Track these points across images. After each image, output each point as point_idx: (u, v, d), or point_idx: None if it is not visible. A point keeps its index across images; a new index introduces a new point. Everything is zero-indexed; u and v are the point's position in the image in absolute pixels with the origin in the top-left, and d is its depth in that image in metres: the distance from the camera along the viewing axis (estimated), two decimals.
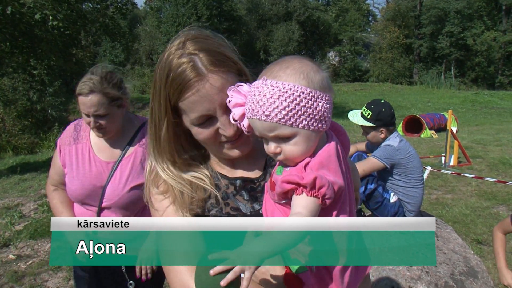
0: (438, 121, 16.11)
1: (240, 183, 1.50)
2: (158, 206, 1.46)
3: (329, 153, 1.17)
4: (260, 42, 46.78)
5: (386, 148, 4.12)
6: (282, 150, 1.16)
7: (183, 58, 1.30)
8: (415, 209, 4.12)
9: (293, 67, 1.15)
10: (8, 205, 8.08)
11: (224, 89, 1.29)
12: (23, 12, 11.12)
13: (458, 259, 3.63)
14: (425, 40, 45.39)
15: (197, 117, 1.33)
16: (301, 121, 1.12)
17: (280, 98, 1.10)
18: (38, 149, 20.55)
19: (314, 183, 1.06)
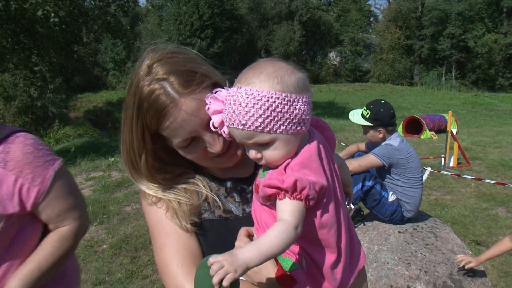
0: (438, 122, 16.10)
1: (231, 185, 1.51)
2: (154, 218, 1.46)
3: (310, 152, 1.16)
4: (261, 42, 46.78)
5: (386, 147, 4.14)
6: (263, 155, 1.16)
7: (154, 85, 1.27)
8: (413, 209, 4.14)
9: (267, 72, 1.13)
10: None
11: (200, 109, 1.27)
12: (25, 8, 11.12)
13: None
14: (426, 41, 45.39)
15: (181, 141, 1.33)
16: (279, 127, 1.10)
17: (255, 106, 1.08)
18: None
19: (295, 185, 1.05)
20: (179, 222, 1.40)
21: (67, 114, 27.84)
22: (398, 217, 4.10)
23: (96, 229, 6.32)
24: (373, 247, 3.75)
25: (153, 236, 1.45)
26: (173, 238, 1.40)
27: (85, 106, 33.85)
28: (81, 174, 10.03)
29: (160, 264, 1.41)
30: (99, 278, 4.88)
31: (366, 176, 4.16)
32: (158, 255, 1.41)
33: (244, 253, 1.00)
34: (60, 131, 22.45)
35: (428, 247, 3.71)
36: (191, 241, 1.41)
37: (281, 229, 1.04)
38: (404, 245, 3.69)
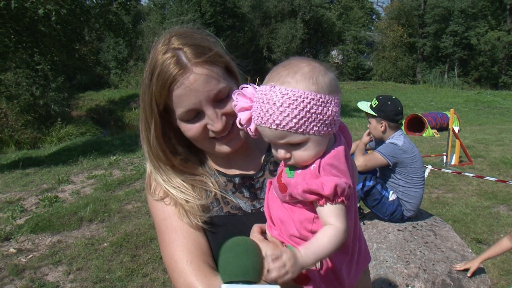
0: (440, 120, 16.08)
1: (239, 180, 1.51)
2: (161, 214, 1.45)
3: (338, 154, 1.17)
4: (264, 40, 46.76)
5: (391, 145, 4.13)
6: (292, 155, 1.16)
7: (167, 54, 1.30)
8: (414, 209, 4.12)
9: (302, 72, 1.13)
10: (10, 200, 8.10)
11: (209, 81, 1.29)
12: (26, 7, 11.11)
13: (456, 258, 3.64)
14: (429, 39, 45.30)
15: (184, 112, 1.33)
16: (312, 128, 1.10)
17: (290, 106, 1.08)
18: (40, 144, 20.61)
19: (336, 190, 1.06)
20: (188, 220, 1.40)
21: (69, 113, 27.94)
22: (398, 216, 4.09)
23: (97, 227, 6.33)
24: (372, 245, 3.74)
25: (160, 232, 1.44)
26: (182, 234, 1.39)
27: (88, 105, 33.94)
28: (82, 173, 10.05)
29: (168, 261, 1.39)
30: (99, 276, 4.88)
31: (367, 176, 4.15)
32: (166, 251, 1.40)
33: (302, 256, 1.04)
34: (62, 130, 22.53)
35: (427, 245, 3.70)
36: (199, 238, 1.41)
37: (332, 233, 1.07)
38: (403, 243, 3.68)
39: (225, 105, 1.35)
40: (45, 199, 7.65)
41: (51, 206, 7.32)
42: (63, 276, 4.96)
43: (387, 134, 4.28)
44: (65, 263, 5.25)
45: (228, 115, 1.35)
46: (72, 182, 9.17)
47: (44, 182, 9.42)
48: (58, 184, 8.92)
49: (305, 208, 1.17)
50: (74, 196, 7.90)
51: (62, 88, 24.62)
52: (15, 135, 22.06)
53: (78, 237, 6.04)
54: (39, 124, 23.25)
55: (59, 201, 7.65)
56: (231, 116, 1.36)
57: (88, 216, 6.63)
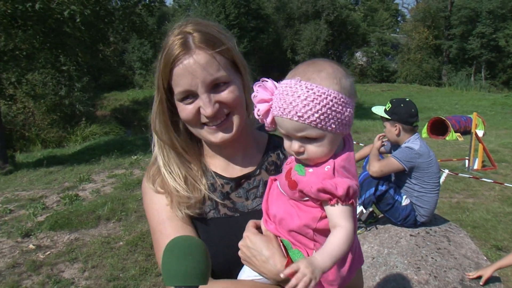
0: (465, 123, 15.78)
1: (237, 182, 1.52)
2: (156, 218, 1.48)
3: (349, 157, 1.22)
4: (288, 41, 46.66)
5: (406, 150, 4.07)
6: (306, 150, 1.19)
7: (178, 36, 1.36)
8: (427, 215, 4.05)
9: (327, 71, 1.18)
10: (32, 197, 8.29)
11: (208, 66, 1.33)
12: (52, 8, 11.34)
13: (470, 265, 3.57)
14: (455, 41, 44.50)
15: (180, 92, 1.37)
16: (330, 125, 1.15)
17: (314, 101, 1.12)
18: (65, 143, 21.01)
19: (348, 192, 1.12)
20: (180, 212, 1.43)
21: (94, 112, 28.38)
22: (411, 221, 4.03)
23: (114, 226, 6.41)
24: (383, 250, 3.70)
25: (154, 238, 1.47)
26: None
27: (112, 105, 34.39)
28: (104, 172, 10.20)
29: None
30: (113, 274, 4.95)
31: (379, 181, 4.11)
32: (160, 256, 1.40)
33: (319, 261, 1.08)
34: (87, 129, 22.91)
35: (440, 251, 3.64)
36: None
37: (344, 235, 1.13)
38: (415, 249, 3.63)
39: (221, 93, 1.37)
40: (65, 197, 7.79)
41: (71, 204, 7.45)
42: (79, 273, 5.05)
43: (402, 138, 4.22)
44: (81, 261, 5.34)
45: (222, 103, 1.38)
46: (93, 180, 9.31)
47: (66, 181, 9.60)
48: (79, 182, 9.07)
49: (313, 206, 1.20)
50: (94, 194, 8.02)
51: (87, 88, 25.04)
52: (42, 134, 22.54)
53: (95, 235, 6.13)
54: (65, 123, 23.71)
55: (79, 199, 7.78)
56: (225, 105, 1.38)
57: (106, 215, 6.73)
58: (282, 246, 1.26)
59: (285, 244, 1.26)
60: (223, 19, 38.44)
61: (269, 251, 1.26)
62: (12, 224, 6.69)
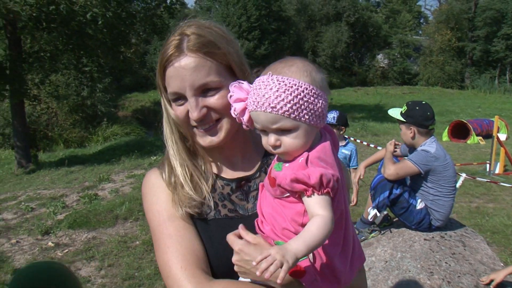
0: (487, 127, 15.49)
1: (237, 184, 1.53)
2: (157, 219, 1.48)
3: (325, 148, 1.22)
4: (309, 43, 46.55)
5: (423, 153, 4.03)
6: (282, 142, 1.21)
7: (176, 36, 1.39)
8: (442, 219, 4.01)
9: (297, 65, 1.21)
10: (53, 196, 8.45)
11: (198, 71, 1.35)
12: (75, 10, 11.56)
13: (485, 271, 3.52)
14: (479, 43, 43.76)
15: (171, 93, 1.40)
16: (304, 115, 1.17)
17: (286, 92, 1.15)
18: (87, 143, 21.33)
19: (321, 180, 1.11)
20: (181, 210, 1.44)
21: (115, 113, 28.72)
22: (425, 225, 3.99)
23: (131, 226, 6.50)
24: (396, 254, 3.67)
25: (155, 238, 1.47)
26: (176, 240, 1.41)
27: (133, 106, 34.76)
28: (123, 172, 10.33)
29: (162, 267, 1.42)
30: (129, 273, 5.02)
31: (394, 184, 4.08)
32: (161, 257, 1.42)
33: (292, 245, 1.08)
34: (108, 129, 23.20)
35: (454, 256, 3.60)
36: (195, 243, 1.42)
37: (321, 222, 1.11)
38: (428, 253, 3.60)
39: (209, 98, 1.38)
40: (85, 197, 7.92)
41: (90, 203, 7.57)
42: (95, 272, 5.13)
43: (417, 140, 4.18)
44: (97, 259, 5.43)
45: (210, 108, 1.39)
46: (112, 180, 9.44)
47: (86, 180, 9.76)
48: (99, 182, 9.21)
49: (295, 202, 1.21)
50: (113, 194, 8.14)
51: (109, 89, 25.32)
52: (64, 134, 22.92)
53: (112, 234, 6.22)
54: (87, 123, 24.06)
55: (98, 198, 7.90)
56: (213, 111, 1.39)
57: (123, 214, 6.82)
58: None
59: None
60: (245, 21, 38.54)
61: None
62: (33, 222, 6.84)
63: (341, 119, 5.42)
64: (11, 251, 5.84)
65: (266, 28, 40.29)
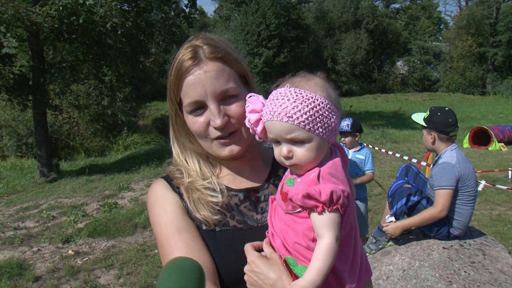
0: (509, 133, 15.25)
1: (245, 194, 1.52)
2: (165, 232, 1.45)
3: (336, 164, 1.24)
4: (328, 51, 46.47)
5: (446, 169, 3.90)
6: (294, 154, 1.22)
7: (188, 49, 1.40)
8: (461, 227, 3.92)
9: (315, 81, 1.26)
10: (74, 204, 8.57)
11: (219, 77, 1.36)
12: (95, 21, 11.76)
13: (506, 280, 3.45)
14: (501, 48, 43.10)
15: (190, 103, 1.39)
16: (318, 128, 1.19)
17: (303, 103, 1.18)
18: (107, 152, 21.58)
19: (332, 197, 1.13)
20: (204, 210, 1.43)
21: (136, 122, 29.00)
22: (443, 234, 3.93)
23: (150, 234, 6.54)
24: (414, 263, 3.63)
25: (163, 252, 1.43)
26: (186, 253, 1.38)
27: (153, 114, 35.04)
28: (143, 181, 10.43)
29: None
30: (147, 281, 5.05)
31: (411, 191, 4.04)
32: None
33: (308, 280, 1.13)
34: (128, 138, 23.45)
35: (473, 265, 3.54)
36: (204, 256, 1.40)
37: (327, 247, 1.14)
38: (447, 262, 3.55)
39: (230, 106, 1.40)
40: (105, 205, 8.02)
41: (110, 212, 7.66)
42: (114, 280, 5.18)
43: (438, 146, 4.13)
44: (116, 267, 5.48)
45: (231, 117, 1.40)
46: (132, 189, 9.54)
47: (106, 189, 9.88)
48: (119, 191, 9.32)
49: (306, 217, 1.21)
50: (132, 203, 8.22)
51: (129, 98, 25.59)
52: (85, 143, 23.24)
53: (131, 242, 6.28)
54: (107, 132, 24.36)
55: (118, 207, 7.99)
56: (234, 119, 1.40)
57: (142, 223, 6.88)
58: (286, 264, 1.26)
59: (289, 262, 1.26)
60: (264, 29, 38.67)
61: (275, 273, 1.25)
62: (54, 230, 6.94)
63: (355, 125, 5.55)
64: (32, 259, 5.94)
65: (285, 36, 40.37)
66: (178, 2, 16.78)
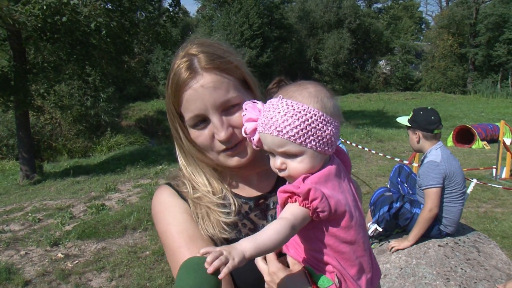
0: (491, 132, 15.48)
1: (255, 202, 1.49)
2: (176, 243, 1.39)
3: (329, 171, 1.20)
4: (311, 50, 46.69)
5: (431, 167, 3.95)
6: (287, 166, 1.20)
7: (183, 59, 1.34)
8: (451, 225, 3.97)
9: (309, 90, 1.20)
10: (60, 206, 8.45)
11: (217, 88, 1.30)
12: (79, 20, 11.61)
13: (501, 276, 3.50)
14: (481, 48, 43.79)
15: (191, 117, 1.34)
16: (310, 142, 1.15)
17: (293, 117, 1.14)
18: (91, 153, 21.35)
19: (308, 194, 1.09)
20: (212, 230, 1.38)
21: (119, 123, 28.77)
22: (435, 232, 3.97)
23: (140, 236, 6.48)
24: (411, 261, 3.65)
25: (176, 260, 1.35)
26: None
27: (137, 115, 34.83)
28: (129, 181, 10.33)
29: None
30: (140, 283, 5.00)
31: (393, 199, 4.10)
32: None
33: (241, 243, 1.04)
34: (112, 139, 23.24)
35: (469, 262, 3.58)
36: None
37: (279, 225, 1.08)
38: (443, 260, 3.58)
39: (234, 116, 1.35)
40: (92, 207, 7.92)
41: (98, 214, 7.56)
42: (106, 282, 5.12)
43: (423, 145, 4.19)
44: (108, 270, 5.41)
45: (235, 127, 1.35)
46: (119, 190, 9.44)
47: (92, 190, 9.76)
48: (105, 192, 9.21)
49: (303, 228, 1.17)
50: (120, 204, 8.13)
51: (112, 98, 25.37)
52: (68, 144, 22.95)
53: (121, 244, 6.21)
54: (90, 133, 24.09)
55: (106, 208, 7.89)
56: (239, 129, 1.35)
57: (132, 224, 6.81)
58: (307, 273, 1.22)
59: (309, 271, 1.23)
60: (247, 29, 38.70)
61: (296, 285, 1.21)
62: (41, 233, 6.83)
63: None
64: (20, 262, 5.83)
65: (268, 36, 40.45)
66: (161, 1, 16.69)
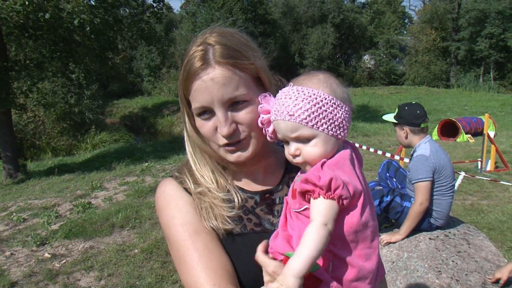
0: (475, 125, 15.66)
1: (261, 197, 1.48)
2: (181, 235, 1.38)
3: (344, 156, 1.22)
4: (295, 45, 46.71)
5: (420, 161, 3.97)
6: (301, 152, 1.22)
7: (199, 47, 1.32)
8: (441, 218, 4.00)
9: (318, 77, 1.25)
10: (45, 205, 8.33)
11: (227, 84, 1.28)
12: (62, 17, 11.44)
13: (491, 268, 3.53)
14: (463, 42, 44.24)
15: (197, 108, 1.33)
16: (322, 125, 1.19)
17: (304, 101, 1.18)
18: (75, 151, 21.12)
19: (330, 184, 1.09)
20: (215, 221, 1.37)
21: (103, 120, 28.53)
22: (425, 225, 3.99)
23: (128, 234, 6.42)
24: (403, 254, 3.66)
25: (180, 254, 1.36)
26: (205, 255, 1.32)
27: (121, 112, 34.61)
28: (115, 179, 10.23)
29: (191, 284, 1.31)
30: (129, 282, 4.95)
31: (384, 192, 4.11)
32: (189, 274, 1.32)
33: (288, 267, 1.06)
34: (96, 137, 23.05)
35: (460, 254, 3.60)
36: (223, 258, 1.35)
37: (312, 231, 1.09)
38: (435, 252, 3.60)
39: (240, 112, 1.33)
40: (78, 205, 7.82)
41: (84, 212, 7.47)
42: (95, 282, 5.05)
43: (411, 140, 4.21)
44: (96, 269, 5.35)
45: (239, 123, 1.33)
46: (105, 188, 9.34)
47: (78, 189, 9.64)
48: (91, 190, 9.11)
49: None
50: (107, 202, 8.05)
51: (96, 96, 25.09)
52: (52, 142, 22.66)
53: (109, 243, 6.14)
54: (74, 131, 23.82)
55: (92, 207, 7.80)
56: (243, 126, 1.34)
57: (120, 223, 6.74)
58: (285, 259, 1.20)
59: (289, 256, 1.22)
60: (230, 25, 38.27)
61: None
62: (27, 233, 6.72)
63: None
64: (6, 264, 5.73)
65: (252, 31, 40.33)
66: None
